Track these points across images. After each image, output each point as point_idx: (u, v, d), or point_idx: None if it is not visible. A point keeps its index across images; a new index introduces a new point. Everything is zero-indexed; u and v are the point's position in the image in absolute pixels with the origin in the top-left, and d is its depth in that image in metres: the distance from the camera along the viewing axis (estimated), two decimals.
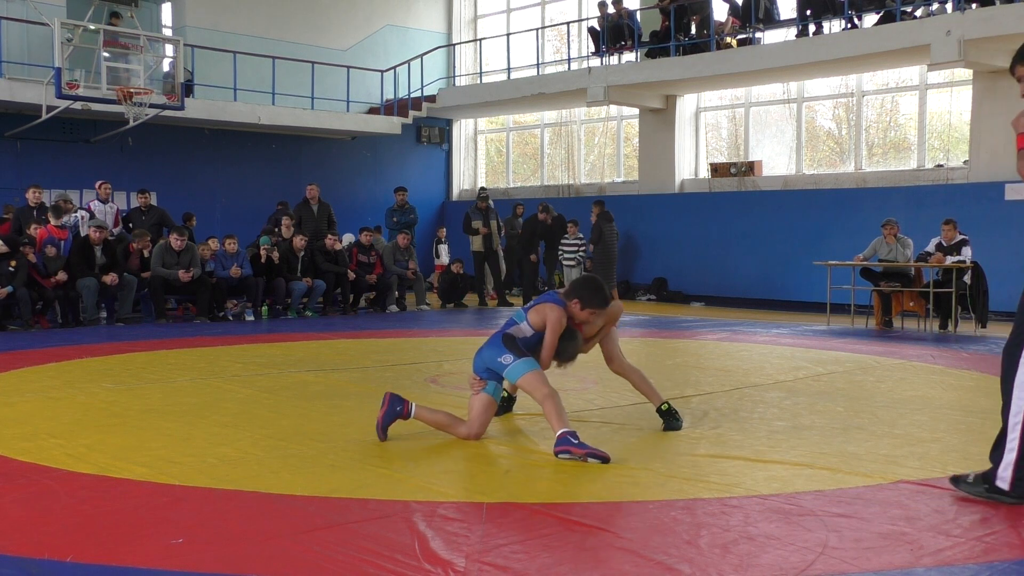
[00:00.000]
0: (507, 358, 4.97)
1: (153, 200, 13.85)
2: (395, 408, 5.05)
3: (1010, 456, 3.89)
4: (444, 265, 16.86)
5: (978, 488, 3.95)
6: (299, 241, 13.35)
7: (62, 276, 11.25)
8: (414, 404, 5.13)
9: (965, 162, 14.54)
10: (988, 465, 4.02)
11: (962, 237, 11.52)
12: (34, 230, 11.64)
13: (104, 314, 12.08)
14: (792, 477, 4.40)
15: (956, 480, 4.07)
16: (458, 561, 3.22)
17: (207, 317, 12.29)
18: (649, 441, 5.15)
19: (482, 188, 17.65)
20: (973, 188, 13.79)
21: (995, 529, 3.63)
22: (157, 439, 5.14)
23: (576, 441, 4.61)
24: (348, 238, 15.40)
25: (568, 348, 5.19)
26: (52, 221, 11.85)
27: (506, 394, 5.75)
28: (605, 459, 4.56)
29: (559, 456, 4.61)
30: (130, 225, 13.34)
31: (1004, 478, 3.89)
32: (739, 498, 4.02)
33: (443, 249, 17.68)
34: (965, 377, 7.74)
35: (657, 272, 17.32)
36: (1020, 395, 3.91)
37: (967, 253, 11.41)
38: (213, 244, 12.86)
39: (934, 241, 11.74)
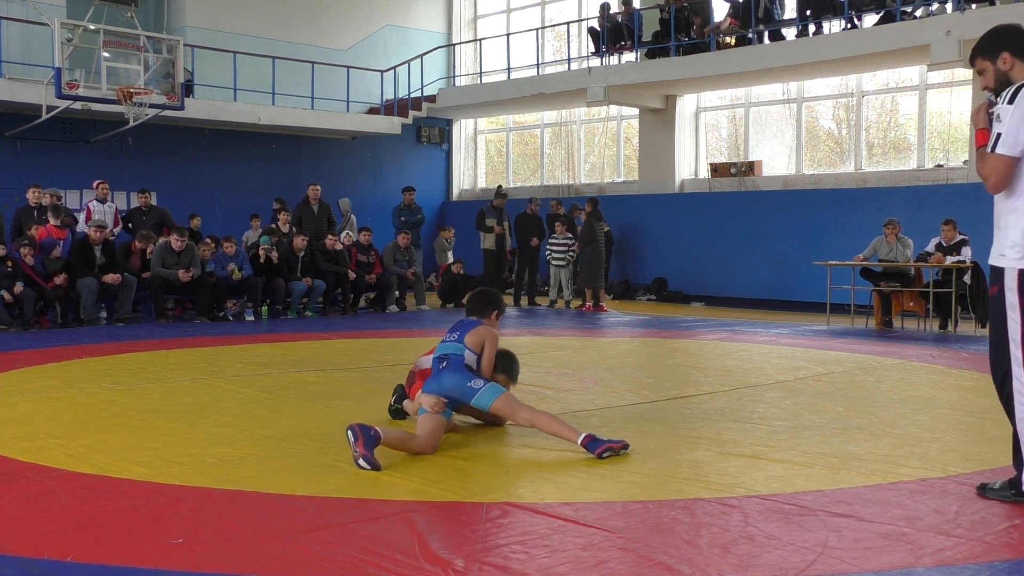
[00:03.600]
0: (477, 382, 5.03)
1: (153, 200, 13.85)
2: (369, 434, 4.53)
3: None
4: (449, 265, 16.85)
5: (1005, 493, 3.95)
6: (299, 241, 13.36)
7: (62, 279, 11.23)
8: (379, 428, 4.73)
9: (965, 162, 14.53)
10: (993, 465, 4.02)
11: (962, 237, 11.52)
12: (34, 230, 11.63)
13: (104, 314, 12.07)
14: (792, 477, 4.40)
15: (983, 487, 4.06)
16: (458, 561, 3.22)
17: (207, 317, 12.29)
18: (649, 441, 5.15)
19: (500, 186, 17.57)
20: (973, 188, 13.76)
21: (995, 529, 3.63)
22: (157, 439, 5.14)
23: (604, 440, 4.76)
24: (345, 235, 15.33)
25: (516, 368, 5.55)
26: (51, 220, 11.84)
27: (398, 407, 5.77)
28: (626, 446, 4.83)
29: (604, 456, 4.69)
30: (130, 225, 13.34)
31: None
32: (739, 498, 4.02)
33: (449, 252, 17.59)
34: (965, 377, 7.74)
35: (657, 272, 17.32)
36: (1021, 400, 3.89)
37: (967, 253, 11.40)
38: (224, 245, 12.90)
39: (934, 241, 11.74)
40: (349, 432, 4.54)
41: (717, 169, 17.11)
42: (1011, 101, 3.81)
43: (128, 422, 5.63)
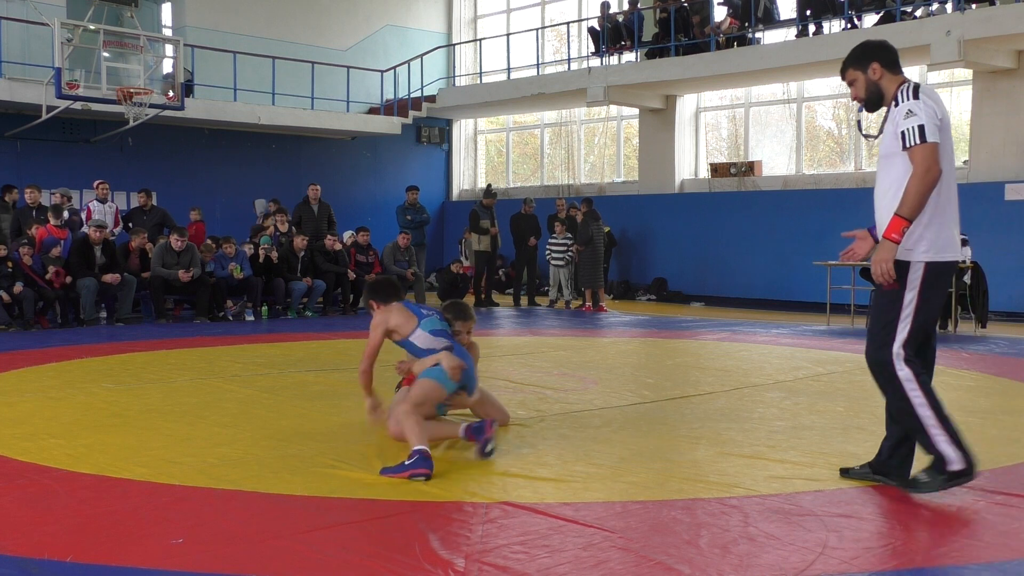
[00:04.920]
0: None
1: (153, 200, 13.84)
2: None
3: (942, 441, 3.92)
4: (470, 265, 16.94)
5: (937, 481, 3.95)
6: (299, 241, 13.36)
7: (62, 278, 11.23)
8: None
9: (965, 162, 14.53)
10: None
11: (962, 237, 11.51)
12: (34, 230, 11.62)
13: (104, 314, 12.07)
14: (792, 477, 4.40)
15: (915, 483, 4.04)
16: (458, 561, 3.22)
17: (207, 317, 12.29)
18: (649, 441, 5.16)
19: (489, 185, 17.53)
20: (973, 188, 13.77)
21: (995, 529, 3.64)
22: (157, 439, 5.14)
23: (408, 462, 4.33)
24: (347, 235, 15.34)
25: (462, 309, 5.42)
26: (52, 221, 11.83)
27: None
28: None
29: (486, 449, 4.65)
30: (130, 225, 13.33)
31: (953, 459, 3.91)
32: (739, 498, 4.02)
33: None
34: (965, 377, 7.75)
35: (657, 272, 17.32)
36: (913, 390, 3.95)
37: (967, 253, 11.41)
38: (224, 246, 12.89)
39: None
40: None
41: (717, 169, 17.11)
42: (915, 96, 3.96)
43: (128, 422, 5.63)
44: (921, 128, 3.89)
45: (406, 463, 4.32)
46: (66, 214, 12.51)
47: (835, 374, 7.85)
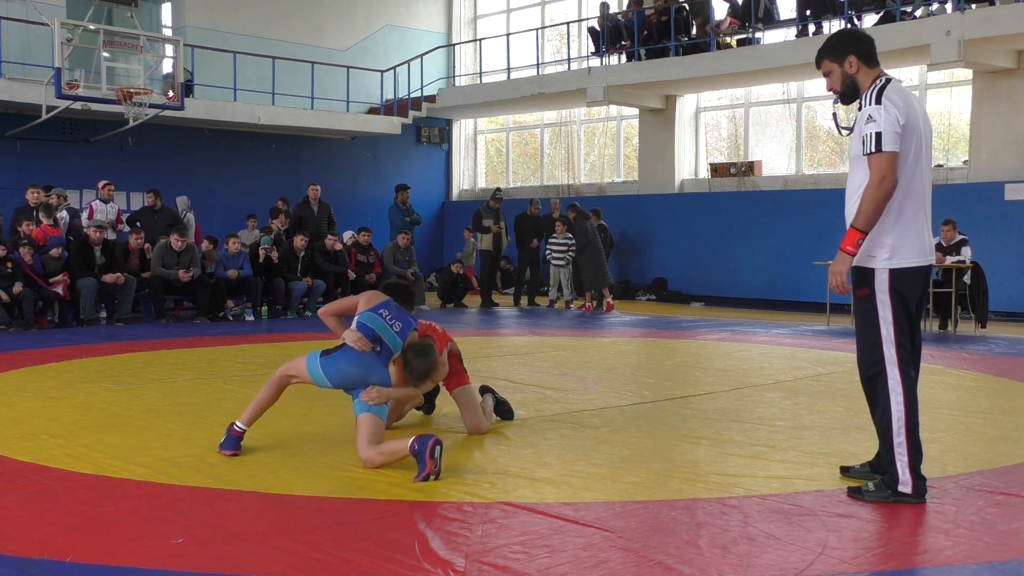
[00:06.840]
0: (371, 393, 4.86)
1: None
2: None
3: (902, 461, 3.90)
4: (468, 265, 16.98)
5: (882, 496, 3.94)
6: (299, 241, 13.36)
7: (63, 288, 11.23)
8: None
9: (965, 162, 14.54)
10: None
11: (962, 237, 11.52)
12: (28, 227, 11.53)
13: (104, 314, 12.07)
14: (792, 477, 4.41)
15: (859, 491, 4.04)
16: (458, 561, 3.22)
17: (207, 317, 12.29)
18: (649, 441, 5.16)
19: (497, 188, 17.61)
20: (973, 188, 13.79)
21: (995, 529, 3.63)
22: (157, 439, 5.14)
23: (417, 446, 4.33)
24: (348, 235, 15.35)
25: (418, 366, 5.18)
26: (44, 220, 11.79)
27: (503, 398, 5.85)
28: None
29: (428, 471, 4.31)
30: (137, 224, 13.29)
31: (904, 482, 3.91)
32: (739, 498, 4.02)
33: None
34: (965, 377, 7.75)
35: (657, 272, 17.32)
36: (896, 404, 3.93)
37: (967, 253, 11.40)
38: (230, 243, 12.90)
39: (934, 241, 11.72)
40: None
41: (717, 169, 17.10)
42: (878, 101, 3.91)
43: (128, 422, 5.63)
44: (878, 136, 3.86)
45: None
46: (64, 213, 12.50)
47: (835, 374, 7.85)
